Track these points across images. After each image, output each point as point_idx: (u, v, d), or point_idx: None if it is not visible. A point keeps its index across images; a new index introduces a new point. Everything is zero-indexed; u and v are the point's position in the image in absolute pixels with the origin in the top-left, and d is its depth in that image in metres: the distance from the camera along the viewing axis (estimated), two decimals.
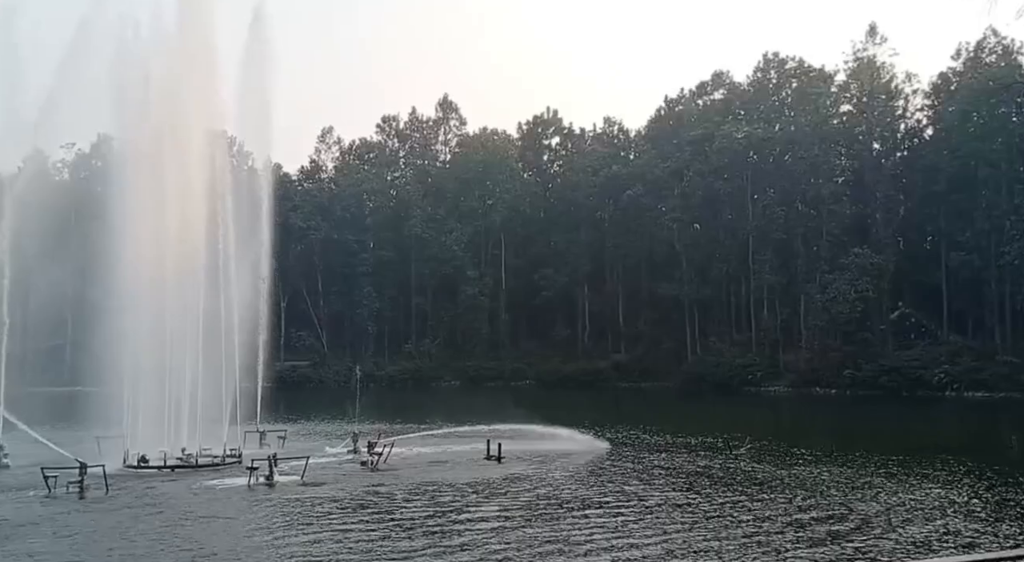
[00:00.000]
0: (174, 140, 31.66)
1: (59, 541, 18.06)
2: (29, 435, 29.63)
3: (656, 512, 20.82)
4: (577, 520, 19.88)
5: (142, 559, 16.39)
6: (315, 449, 31.33)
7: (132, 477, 26.15)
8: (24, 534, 18.64)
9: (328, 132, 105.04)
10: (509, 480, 25.84)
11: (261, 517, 20.38)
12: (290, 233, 78.63)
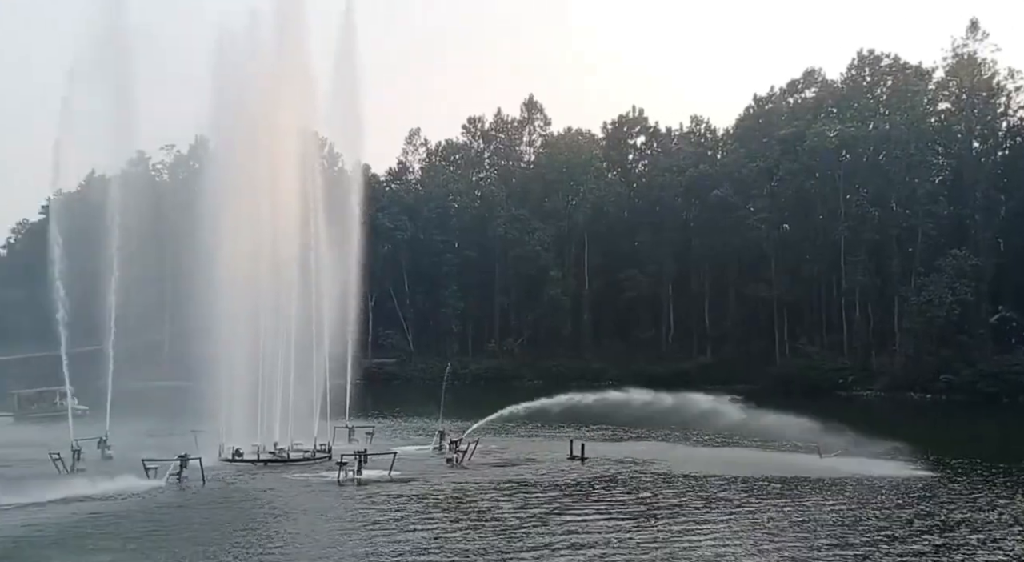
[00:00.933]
0: (268, 142, 32.59)
1: (157, 528, 18.72)
2: (130, 428, 31.08)
3: (739, 516, 20.17)
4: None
5: (237, 548, 16.78)
6: (401, 445, 31.75)
7: (227, 469, 27.03)
8: (125, 521, 19.41)
9: (415, 134, 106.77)
10: (597, 481, 25.47)
11: (353, 511, 20.73)
12: (378, 233, 79.93)
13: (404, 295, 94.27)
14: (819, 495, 23.18)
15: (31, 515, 20.06)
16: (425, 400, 49.28)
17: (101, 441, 29.58)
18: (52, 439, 28.25)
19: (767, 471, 26.91)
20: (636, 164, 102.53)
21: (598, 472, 27.44)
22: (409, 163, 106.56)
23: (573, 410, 37.27)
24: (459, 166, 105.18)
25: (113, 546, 17.37)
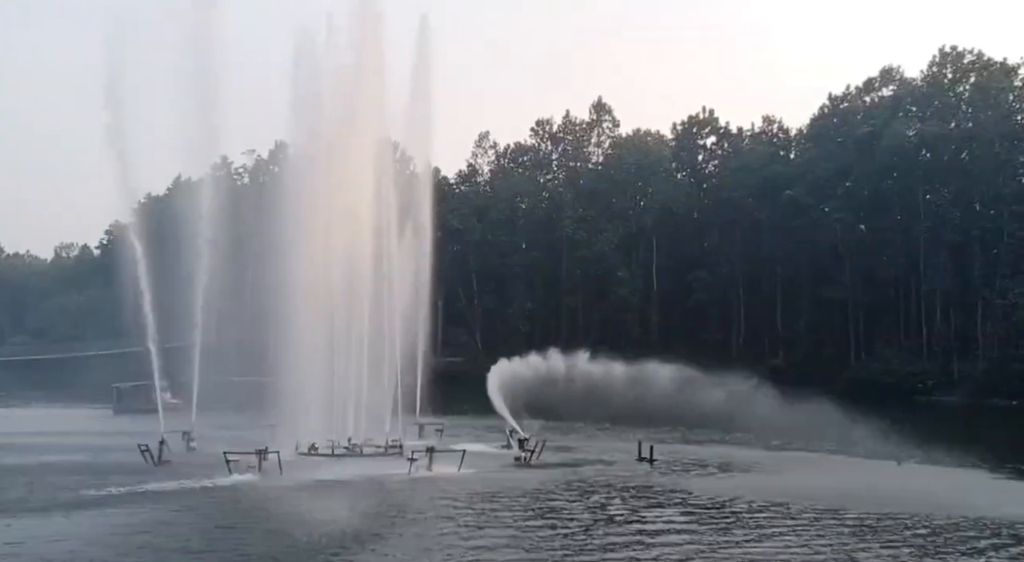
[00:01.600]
0: (344, 146, 33.60)
1: (237, 519, 19.68)
2: (213, 421, 32.51)
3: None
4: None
5: (315, 542, 17.52)
6: (470, 443, 32.35)
7: (303, 464, 27.88)
8: (207, 511, 20.46)
9: (484, 137, 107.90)
10: (668, 485, 25.41)
11: (423, 506, 21.29)
12: (447, 234, 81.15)
13: (472, 295, 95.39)
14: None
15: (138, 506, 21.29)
16: None
17: (186, 434, 30.95)
18: (145, 431, 29.57)
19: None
20: (706, 165, 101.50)
21: (666, 475, 27.38)
22: (478, 165, 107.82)
23: (643, 410, 37.26)
24: (527, 168, 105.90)
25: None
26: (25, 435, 37.53)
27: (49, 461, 28.61)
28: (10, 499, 21.37)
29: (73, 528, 18.22)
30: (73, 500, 21.36)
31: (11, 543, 16.50)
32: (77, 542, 16.79)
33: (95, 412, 51.56)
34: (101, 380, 54.51)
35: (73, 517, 19.49)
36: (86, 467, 27.19)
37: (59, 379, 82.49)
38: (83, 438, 35.79)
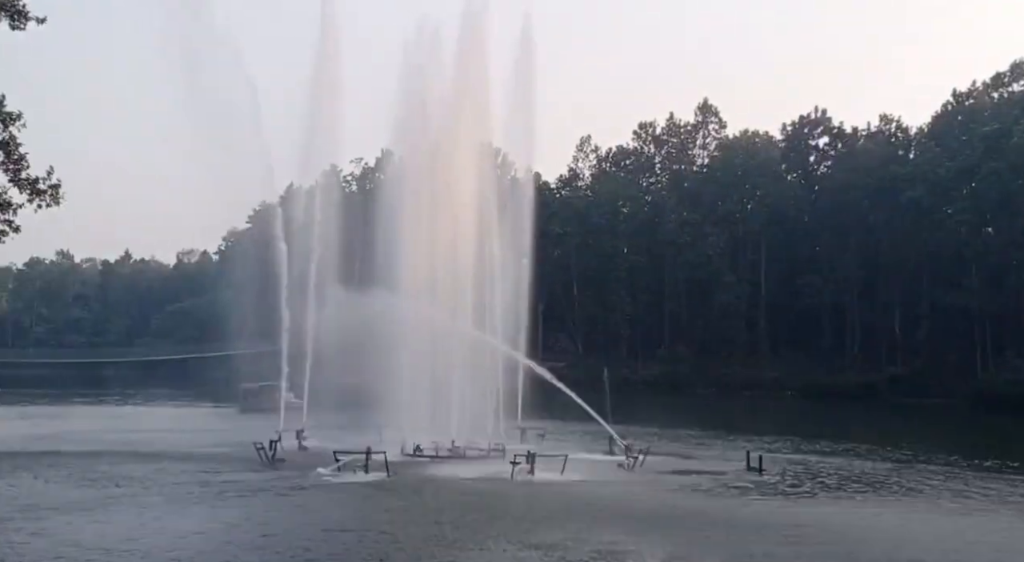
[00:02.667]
0: (448, 153, 34.23)
1: (336, 513, 20.20)
2: (325, 421, 33.55)
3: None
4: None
5: (417, 540, 17.80)
6: (571, 448, 32.23)
7: (409, 464, 28.43)
8: (315, 506, 21.07)
9: (586, 141, 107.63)
10: (778, 496, 24.55)
11: (525, 509, 21.31)
12: (548, 239, 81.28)
13: (573, 299, 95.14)
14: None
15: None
16: (595, 405, 49.62)
17: (299, 433, 32.04)
18: (266, 430, 30.69)
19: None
20: (818, 166, 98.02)
21: (779, 486, 26.29)
22: (579, 170, 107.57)
23: (756, 420, 36.22)
24: (629, 172, 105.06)
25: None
26: (158, 432, 39.61)
27: (177, 455, 30.15)
28: (133, 492, 22.47)
29: (188, 523, 19.02)
30: (187, 495, 22.39)
31: (130, 539, 17.24)
32: (196, 538, 17.45)
33: (222, 411, 54.00)
34: (220, 380, 57.17)
35: (190, 511, 20.42)
36: (208, 462, 28.49)
37: (181, 379, 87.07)
38: (213, 435, 37.34)
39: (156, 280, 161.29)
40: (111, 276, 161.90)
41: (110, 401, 64.57)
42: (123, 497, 21.69)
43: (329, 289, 34.58)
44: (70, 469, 26.36)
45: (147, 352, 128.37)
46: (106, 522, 18.69)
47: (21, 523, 18.12)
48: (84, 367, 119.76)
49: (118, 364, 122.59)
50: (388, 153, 50.86)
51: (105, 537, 17.01)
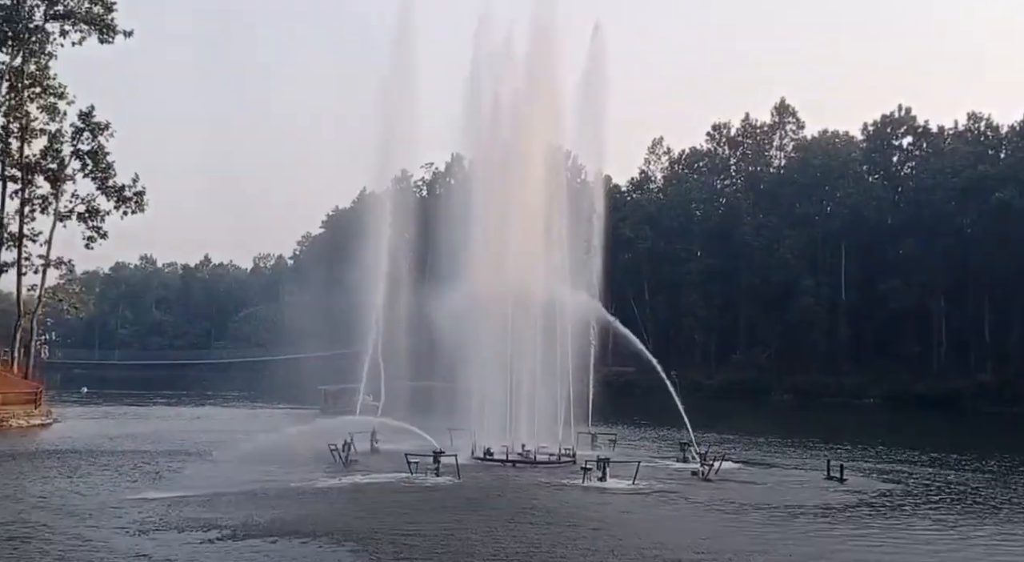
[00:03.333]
0: (518, 157, 34.14)
1: (409, 516, 20.17)
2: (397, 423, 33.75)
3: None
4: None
5: (484, 543, 17.67)
6: (643, 454, 31.73)
7: (479, 468, 28.40)
8: (379, 509, 21.12)
9: (658, 142, 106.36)
10: (860, 505, 23.59)
11: (597, 516, 21.00)
12: (618, 242, 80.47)
13: (644, 304, 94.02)
14: None
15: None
16: (666, 410, 48.83)
17: (372, 435, 32.36)
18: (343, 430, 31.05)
19: None
20: (901, 166, 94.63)
21: (863, 496, 25.25)
22: (651, 172, 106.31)
23: (836, 427, 35.05)
24: (702, 174, 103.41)
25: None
26: (236, 432, 40.47)
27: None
28: (193, 492, 22.63)
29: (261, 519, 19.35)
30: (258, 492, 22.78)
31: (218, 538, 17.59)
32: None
33: (301, 412, 54.96)
34: (296, 382, 58.15)
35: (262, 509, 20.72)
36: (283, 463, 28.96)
37: (257, 381, 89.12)
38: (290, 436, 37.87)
39: (233, 284, 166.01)
40: (191, 280, 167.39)
41: (190, 402, 66.55)
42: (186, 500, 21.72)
43: (401, 294, 34.93)
44: (150, 466, 27.13)
45: (225, 354, 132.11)
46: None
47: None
48: (165, 368, 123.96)
49: (197, 366, 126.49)
50: (458, 158, 51.20)
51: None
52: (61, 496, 22.13)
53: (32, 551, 16.09)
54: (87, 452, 31.36)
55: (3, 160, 50.35)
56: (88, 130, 51.73)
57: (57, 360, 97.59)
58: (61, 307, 58.35)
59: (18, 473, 26.20)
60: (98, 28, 51.15)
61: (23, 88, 50.07)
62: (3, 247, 50.39)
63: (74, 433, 39.23)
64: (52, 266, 52.37)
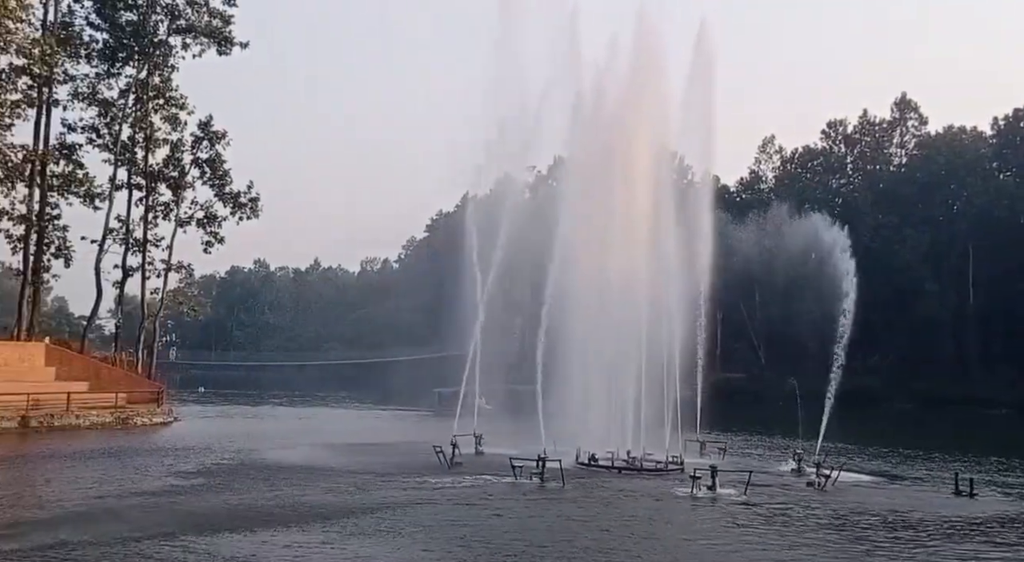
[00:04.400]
0: (622, 159, 33.49)
1: (518, 522, 19.85)
2: (499, 427, 33.62)
3: None
4: None
5: (590, 551, 17.17)
6: (756, 464, 30.52)
7: (583, 474, 27.91)
8: (485, 514, 20.89)
9: (769, 141, 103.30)
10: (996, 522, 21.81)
11: (710, 527, 20.17)
12: (727, 244, 78.40)
13: (754, 308, 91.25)
14: None
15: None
16: (778, 418, 47.03)
17: (477, 438, 32.35)
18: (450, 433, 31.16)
19: None
20: None
21: (996, 514, 23.30)
22: (762, 172, 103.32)
23: (964, 438, 32.84)
24: (816, 173, 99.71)
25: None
26: (344, 433, 41.36)
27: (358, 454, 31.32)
28: (302, 495, 22.96)
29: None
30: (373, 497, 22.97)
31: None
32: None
33: (411, 414, 55.89)
34: (405, 383, 59.25)
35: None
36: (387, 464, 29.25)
37: (365, 382, 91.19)
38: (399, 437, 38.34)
39: (342, 287, 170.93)
40: (302, 284, 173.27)
41: (300, 403, 68.57)
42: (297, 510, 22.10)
43: (504, 298, 34.83)
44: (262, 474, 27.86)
45: (333, 356, 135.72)
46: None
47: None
48: (277, 370, 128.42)
49: (308, 367, 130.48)
50: (561, 160, 50.81)
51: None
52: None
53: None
54: (203, 448, 32.75)
55: (129, 169, 53.26)
56: (207, 139, 54.19)
57: (177, 361, 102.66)
58: (181, 310, 61.21)
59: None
60: (217, 41, 53.50)
61: (148, 100, 52.78)
62: (129, 252, 53.24)
63: (194, 431, 41.03)
64: (173, 270, 55.05)
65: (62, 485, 23.58)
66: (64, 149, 51.57)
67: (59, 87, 50.53)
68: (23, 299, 49.27)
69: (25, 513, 19.63)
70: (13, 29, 41.13)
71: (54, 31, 48.67)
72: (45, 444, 33.93)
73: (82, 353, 49.58)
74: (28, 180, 48.14)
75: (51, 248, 50.42)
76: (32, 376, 41.95)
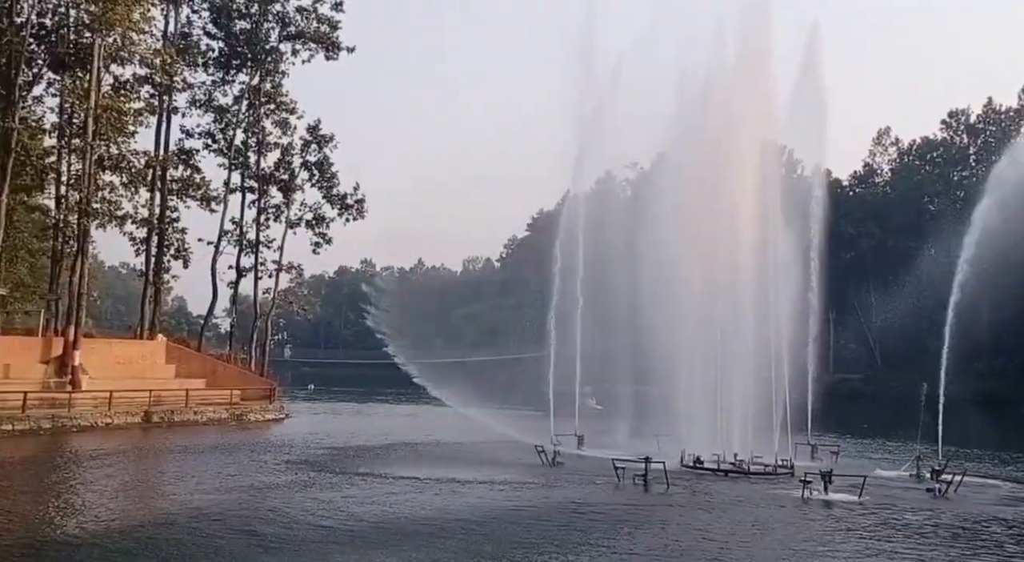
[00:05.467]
0: (728, 154, 32.57)
1: (614, 527, 19.48)
2: (601, 427, 33.24)
3: None
4: None
5: (693, 556, 16.71)
6: (870, 468, 29.15)
7: (688, 476, 27.27)
8: (585, 516, 20.59)
9: (884, 133, 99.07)
10: None
11: (823, 533, 19.35)
12: (839, 240, 75.49)
13: (869, 307, 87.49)
14: None
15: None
16: (895, 421, 44.81)
17: (578, 438, 32.08)
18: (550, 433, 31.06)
19: None
20: None
21: None
22: (876, 165, 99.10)
23: None
24: (936, 165, 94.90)
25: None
26: (469, 431, 41.74)
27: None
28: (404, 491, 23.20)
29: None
30: None
31: None
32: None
33: (522, 413, 55.98)
34: (507, 383, 59.26)
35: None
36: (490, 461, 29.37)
37: (469, 381, 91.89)
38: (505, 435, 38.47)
39: (445, 286, 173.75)
40: (406, 283, 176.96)
41: (406, 400, 69.79)
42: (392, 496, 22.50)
43: (604, 296, 34.42)
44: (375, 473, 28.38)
45: (437, 355, 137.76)
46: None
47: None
48: (384, 367, 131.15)
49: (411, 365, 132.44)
50: (663, 156, 50.00)
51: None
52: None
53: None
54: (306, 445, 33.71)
55: (243, 172, 55.42)
56: (315, 142, 55.88)
57: (289, 359, 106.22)
58: (291, 309, 63.32)
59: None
60: (325, 46, 55.11)
61: (259, 105, 54.83)
62: (243, 253, 55.40)
63: (304, 428, 42.34)
64: (284, 270, 56.97)
65: (204, 476, 24.77)
66: (183, 154, 54.15)
67: (178, 95, 53.23)
68: (145, 299, 51.86)
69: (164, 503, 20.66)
70: (137, 40, 43.38)
71: (174, 41, 51.16)
72: (171, 438, 35.67)
73: (199, 351, 51.72)
74: (150, 185, 50.65)
75: (171, 250, 52.92)
76: (154, 373, 44.01)
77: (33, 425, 34.05)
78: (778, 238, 32.24)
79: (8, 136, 39.31)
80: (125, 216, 48.30)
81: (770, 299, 31.34)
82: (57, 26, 44.82)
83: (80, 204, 41.38)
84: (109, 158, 44.66)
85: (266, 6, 54.27)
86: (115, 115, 42.08)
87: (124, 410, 38.25)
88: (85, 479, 24.39)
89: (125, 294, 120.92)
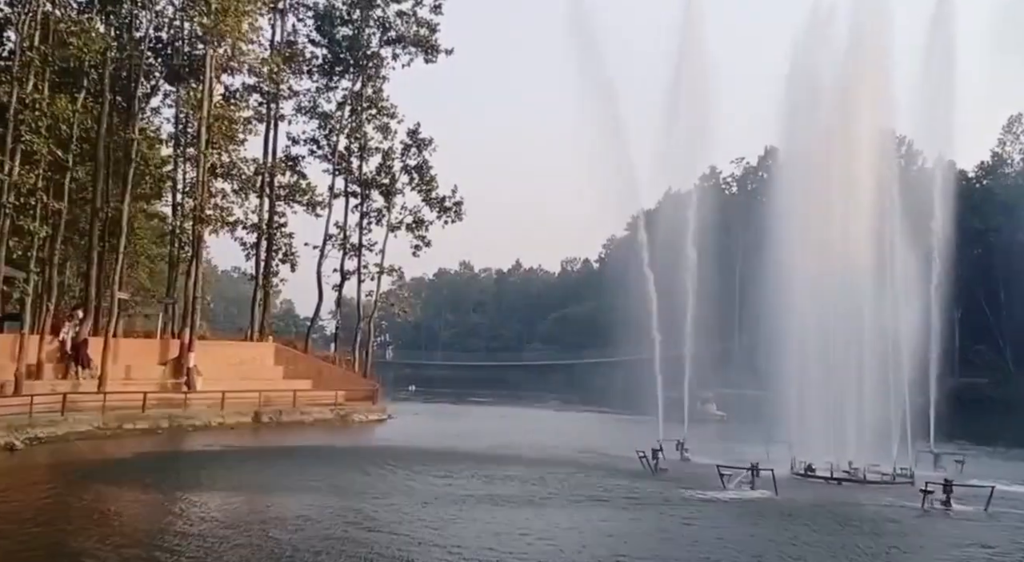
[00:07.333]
0: (841, 145, 31.07)
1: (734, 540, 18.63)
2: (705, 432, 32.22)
3: None
4: None
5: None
6: (1000, 480, 27.15)
7: (799, 484, 26.15)
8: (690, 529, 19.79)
9: (1015, 120, 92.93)
10: None
11: (945, 547, 18.03)
12: (965, 236, 71.36)
13: (999, 306, 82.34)
14: None
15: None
16: None
17: (680, 444, 31.21)
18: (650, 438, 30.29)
19: None
20: None
21: None
22: (1007, 154, 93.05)
23: None
24: None
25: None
26: (572, 435, 41.39)
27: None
28: (510, 493, 22.95)
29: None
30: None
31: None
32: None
33: (633, 418, 55.23)
34: (606, 386, 58.68)
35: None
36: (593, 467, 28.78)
37: (568, 383, 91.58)
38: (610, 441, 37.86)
39: (543, 287, 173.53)
40: (504, 284, 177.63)
41: (504, 402, 69.86)
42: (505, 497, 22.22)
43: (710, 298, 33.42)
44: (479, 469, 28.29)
45: (535, 356, 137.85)
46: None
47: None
48: (483, 369, 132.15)
49: (512, 367, 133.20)
50: (772, 150, 48.34)
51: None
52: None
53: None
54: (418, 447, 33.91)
55: (346, 178, 56.60)
56: (415, 146, 56.55)
57: (392, 360, 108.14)
58: (393, 311, 64.33)
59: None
60: (424, 49, 55.70)
61: (361, 111, 55.87)
62: (346, 256, 56.59)
63: (407, 428, 42.77)
64: (385, 273, 57.85)
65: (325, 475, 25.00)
66: (289, 161, 55.75)
67: (284, 102, 54.72)
68: (255, 302, 53.59)
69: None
70: (246, 50, 44.77)
71: (280, 50, 52.68)
72: (283, 437, 36.56)
73: (306, 352, 53.00)
74: (259, 191, 52.31)
75: (279, 254, 54.54)
76: (263, 374, 45.27)
77: (152, 424, 35.41)
78: (896, 235, 30.51)
79: (129, 147, 41.12)
80: (236, 222, 49.93)
81: (889, 299, 29.69)
82: (172, 39, 46.82)
83: (195, 211, 42.93)
84: (221, 166, 46.23)
85: (368, 12, 55.25)
86: (226, 124, 43.47)
87: (235, 410, 39.41)
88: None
89: (236, 297, 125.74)
